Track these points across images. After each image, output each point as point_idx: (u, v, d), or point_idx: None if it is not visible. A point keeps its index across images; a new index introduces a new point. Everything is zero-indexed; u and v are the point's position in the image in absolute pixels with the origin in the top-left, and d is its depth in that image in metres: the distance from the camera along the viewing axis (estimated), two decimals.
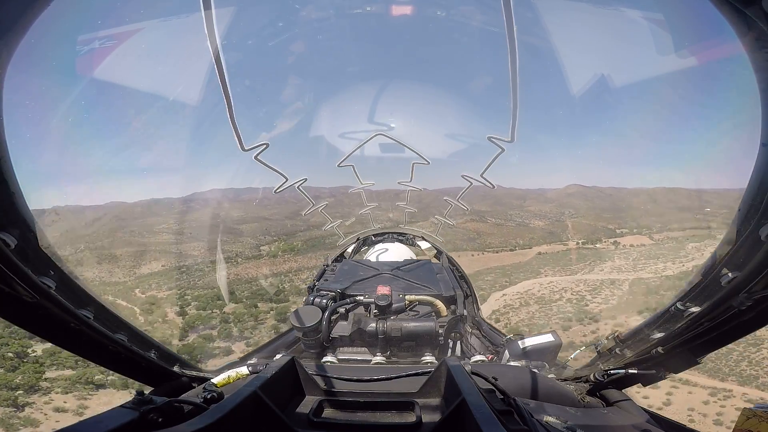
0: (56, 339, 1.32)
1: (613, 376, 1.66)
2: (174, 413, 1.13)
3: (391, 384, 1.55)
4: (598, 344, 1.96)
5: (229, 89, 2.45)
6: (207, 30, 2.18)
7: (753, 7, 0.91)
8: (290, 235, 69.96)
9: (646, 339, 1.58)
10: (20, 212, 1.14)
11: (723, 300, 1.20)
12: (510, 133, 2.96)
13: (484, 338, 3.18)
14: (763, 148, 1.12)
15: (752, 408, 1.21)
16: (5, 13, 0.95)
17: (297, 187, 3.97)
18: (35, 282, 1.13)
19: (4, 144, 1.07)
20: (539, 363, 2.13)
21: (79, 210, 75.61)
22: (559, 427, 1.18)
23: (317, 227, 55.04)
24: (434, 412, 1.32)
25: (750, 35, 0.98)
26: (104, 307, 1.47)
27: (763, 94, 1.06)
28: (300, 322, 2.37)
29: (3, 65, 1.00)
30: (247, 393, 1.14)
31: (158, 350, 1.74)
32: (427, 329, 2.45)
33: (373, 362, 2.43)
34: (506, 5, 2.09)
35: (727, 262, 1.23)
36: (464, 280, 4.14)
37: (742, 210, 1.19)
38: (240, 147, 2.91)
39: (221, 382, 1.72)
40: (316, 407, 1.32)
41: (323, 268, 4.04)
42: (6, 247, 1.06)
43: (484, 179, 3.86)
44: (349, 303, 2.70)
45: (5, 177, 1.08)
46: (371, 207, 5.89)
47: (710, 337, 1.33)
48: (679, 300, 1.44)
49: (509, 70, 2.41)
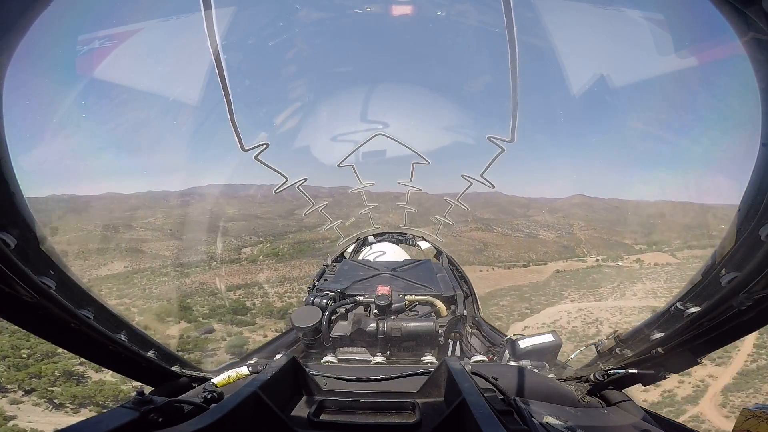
0: (56, 339, 1.32)
1: (613, 376, 1.66)
2: (174, 413, 1.13)
3: (391, 384, 1.55)
4: (598, 344, 1.96)
5: (229, 89, 2.45)
6: (207, 30, 2.18)
7: (753, 7, 0.91)
8: (279, 236, 65.35)
9: (646, 339, 1.58)
10: (20, 212, 1.14)
11: (723, 300, 1.20)
12: (510, 133, 2.96)
13: (484, 338, 3.18)
14: (763, 148, 1.12)
15: (751, 408, 1.21)
16: (5, 13, 0.95)
17: (297, 187, 3.97)
18: (35, 282, 1.13)
19: (4, 144, 1.07)
20: (539, 363, 2.13)
21: (75, 199, 73.30)
22: (559, 427, 1.18)
23: (310, 228, 54.48)
24: (434, 412, 1.32)
25: (750, 35, 0.98)
26: (104, 307, 1.47)
27: (763, 94, 1.06)
28: (300, 322, 2.37)
29: (3, 65, 1.00)
30: (247, 393, 1.14)
31: (158, 350, 1.74)
32: (427, 329, 2.45)
33: (373, 362, 2.43)
34: (506, 5, 2.10)
35: (727, 262, 1.23)
36: (464, 280, 4.14)
37: (742, 210, 1.19)
38: (240, 147, 2.92)
39: (221, 382, 1.72)
40: (316, 407, 1.32)
41: (323, 268, 4.04)
42: (6, 247, 1.06)
43: (484, 179, 3.86)
44: (349, 303, 2.70)
45: (5, 177, 1.08)
46: (371, 207, 5.89)
47: (710, 337, 1.33)
48: (679, 300, 1.45)
49: (509, 70, 2.42)
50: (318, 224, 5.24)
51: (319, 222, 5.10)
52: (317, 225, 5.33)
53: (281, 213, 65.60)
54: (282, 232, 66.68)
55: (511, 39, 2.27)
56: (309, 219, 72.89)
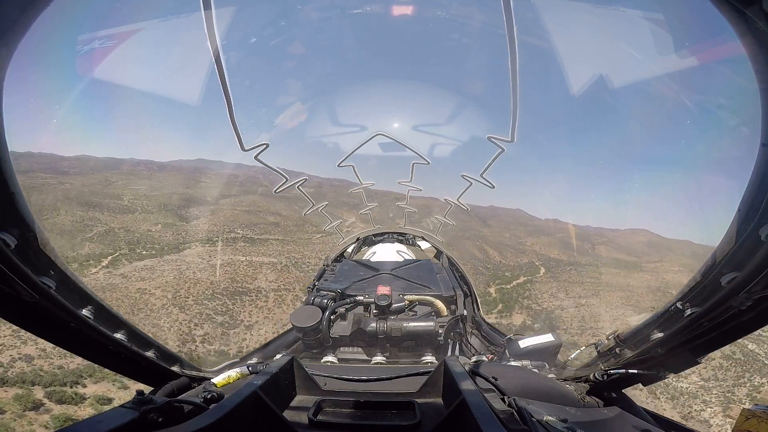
0: (56, 339, 1.32)
1: (613, 376, 1.66)
2: (174, 413, 1.13)
3: (391, 384, 1.55)
4: (598, 344, 1.96)
5: (229, 89, 2.45)
6: (207, 30, 2.18)
7: (753, 7, 0.91)
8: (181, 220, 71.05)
9: (646, 339, 1.58)
10: (20, 212, 1.14)
11: (723, 300, 1.20)
12: (510, 133, 2.96)
13: (484, 338, 3.19)
14: (763, 148, 1.12)
15: (751, 408, 1.21)
16: (5, 13, 0.95)
17: (297, 187, 3.97)
18: (35, 282, 1.13)
19: (4, 144, 1.07)
20: (539, 363, 2.13)
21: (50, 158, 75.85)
22: (559, 427, 1.18)
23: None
24: (434, 412, 1.32)
25: (750, 35, 0.98)
26: (104, 307, 1.47)
27: (763, 94, 1.06)
28: (300, 322, 2.37)
29: (3, 65, 1.00)
30: (247, 393, 1.14)
31: (158, 350, 1.74)
32: (427, 329, 2.45)
33: (373, 362, 2.43)
34: (506, 5, 2.10)
35: (727, 262, 1.23)
36: (464, 280, 4.14)
37: (742, 210, 1.19)
38: (240, 147, 2.92)
39: (221, 382, 1.72)
40: (316, 407, 1.32)
41: (323, 268, 4.04)
42: (6, 247, 1.06)
43: (484, 179, 3.86)
44: (349, 303, 2.70)
45: (5, 177, 1.08)
46: (371, 207, 5.89)
47: (710, 337, 1.33)
48: (679, 300, 1.44)
49: (509, 70, 2.42)
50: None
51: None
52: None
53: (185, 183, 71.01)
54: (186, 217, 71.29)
55: (511, 39, 2.27)
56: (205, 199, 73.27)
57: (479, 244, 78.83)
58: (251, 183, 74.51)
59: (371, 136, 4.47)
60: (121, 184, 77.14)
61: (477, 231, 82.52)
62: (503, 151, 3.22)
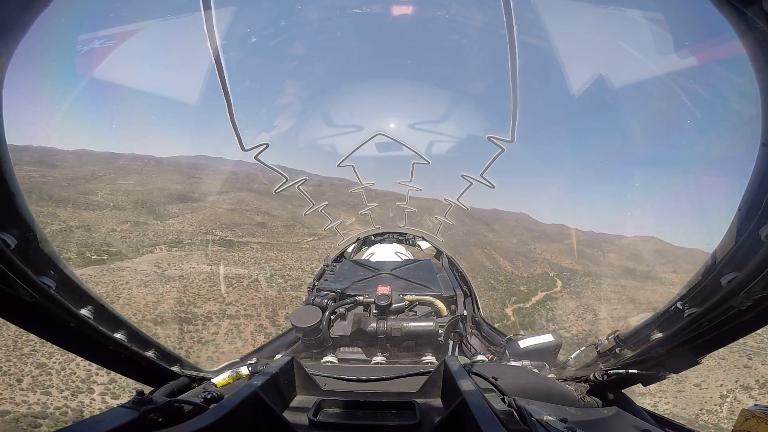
0: (56, 339, 1.32)
1: (613, 376, 1.66)
2: (174, 413, 1.13)
3: (391, 384, 1.55)
4: (598, 344, 1.96)
5: (229, 89, 2.45)
6: (207, 30, 2.18)
7: (753, 7, 0.91)
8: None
9: (646, 339, 1.58)
10: (20, 212, 1.14)
11: (723, 300, 1.20)
12: (510, 133, 2.96)
13: (484, 338, 3.19)
14: (763, 148, 1.12)
15: (751, 408, 1.21)
16: (5, 13, 0.95)
17: (297, 187, 3.97)
18: (35, 282, 1.13)
19: (4, 144, 1.07)
20: (539, 363, 2.13)
21: (47, 151, 74.99)
22: (559, 427, 1.18)
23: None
24: (434, 412, 1.32)
25: (750, 35, 0.98)
26: (104, 307, 1.47)
27: (763, 94, 1.06)
28: (300, 322, 2.37)
29: (3, 65, 1.00)
30: (247, 393, 1.14)
31: (158, 350, 1.74)
32: (427, 329, 2.45)
33: (373, 362, 2.43)
34: (506, 5, 2.10)
35: (727, 262, 1.23)
36: (464, 280, 4.14)
37: (742, 210, 1.19)
38: (240, 147, 2.92)
39: (221, 382, 1.72)
40: (316, 407, 1.32)
41: (323, 268, 4.04)
42: (6, 247, 1.06)
43: (484, 179, 3.86)
44: (349, 303, 2.70)
45: (5, 177, 1.08)
46: (371, 207, 5.89)
47: (710, 337, 1.33)
48: (679, 300, 1.44)
49: (509, 70, 2.41)
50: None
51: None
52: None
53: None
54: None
55: (511, 39, 2.27)
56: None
57: (487, 251, 74.31)
58: (249, 180, 72.07)
59: (371, 136, 4.47)
60: (107, 179, 74.03)
61: (482, 236, 79.46)
62: (503, 151, 3.22)
